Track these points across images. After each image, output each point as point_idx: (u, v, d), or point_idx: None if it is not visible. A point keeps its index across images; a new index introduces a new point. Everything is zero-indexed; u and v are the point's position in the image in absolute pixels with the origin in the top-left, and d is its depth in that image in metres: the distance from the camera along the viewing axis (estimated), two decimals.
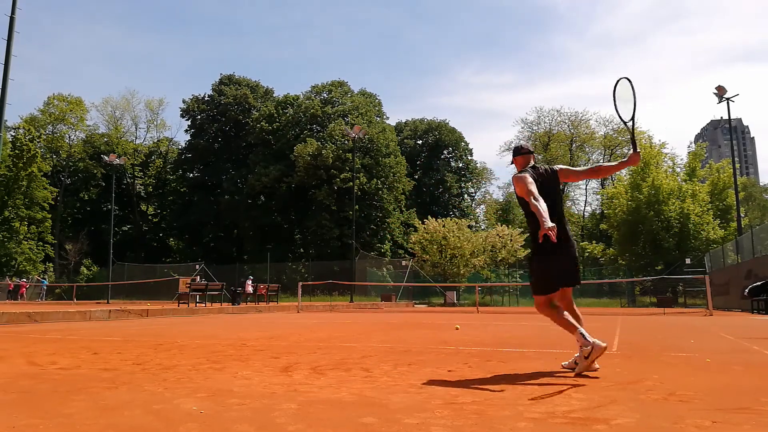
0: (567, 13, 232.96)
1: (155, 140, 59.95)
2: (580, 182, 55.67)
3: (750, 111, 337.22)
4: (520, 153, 4.05)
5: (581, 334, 3.52)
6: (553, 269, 3.75)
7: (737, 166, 29.87)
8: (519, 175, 3.82)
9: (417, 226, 36.76)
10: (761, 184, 69.55)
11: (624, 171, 46.23)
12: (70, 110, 54.62)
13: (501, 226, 38.61)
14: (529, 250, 4.03)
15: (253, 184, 47.79)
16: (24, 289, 36.51)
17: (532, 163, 4.00)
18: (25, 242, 44.95)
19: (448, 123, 60.51)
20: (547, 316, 3.79)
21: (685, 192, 33.66)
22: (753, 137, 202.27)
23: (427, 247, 34.39)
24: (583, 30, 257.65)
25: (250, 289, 24.75)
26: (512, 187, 4.20)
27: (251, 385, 3.18)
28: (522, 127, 56.49)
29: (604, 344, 3.50)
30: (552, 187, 3.86)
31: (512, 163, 4.10)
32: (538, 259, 3.79)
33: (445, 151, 60.66)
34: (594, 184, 54.60)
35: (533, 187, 3.64)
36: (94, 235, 50.00)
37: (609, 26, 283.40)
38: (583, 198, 56.15)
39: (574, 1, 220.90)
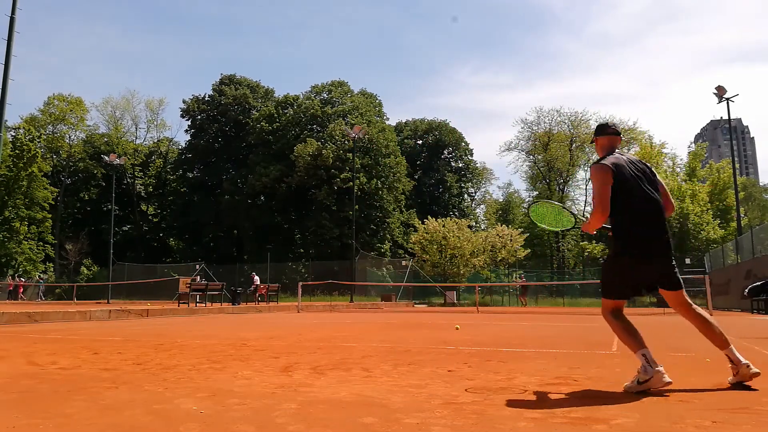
0: (563, 13, 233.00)
1: (155, 140, 59.89)
2: (581, 182, 55.71)
3: (750, 111, 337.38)
4: (605, 132, 3.46)
5: (643, 356, 3.06)
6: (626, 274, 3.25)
7: (737, 166, 29.88)
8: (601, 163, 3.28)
9: (417, 226, 36.76)
10: (761, 184, 69.59)
11: None
12: (70, 110, 54.57)
13: (501, 226, 38.61)
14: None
15: (253, 184, 47.78)
16: (22, 289, 36.40)
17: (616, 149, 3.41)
18: (26, 242, 44.91)
19: (448, 123, 60.52)
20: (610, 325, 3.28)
21: (685, 192, 33.67)
22: (753, 137, 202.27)
23: (427, 247, 34.38)
24: (581, 30, 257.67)
25: (258, 282, 24.02)
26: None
27: (251, 385, 3.19)
28: (522, 127, 56.40)
29: (667, 380, 2.96)
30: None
31: (592, 142, 3.56)
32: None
33: (445, 151, 60.66)
34: None
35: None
36: (94, 235, 49.95)
37: (607, 26, 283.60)
38: (583, 198, 56.10)
39: (569, 1, 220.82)
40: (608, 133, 3.41)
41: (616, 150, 3.37)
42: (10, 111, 56.94)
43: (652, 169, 3.37)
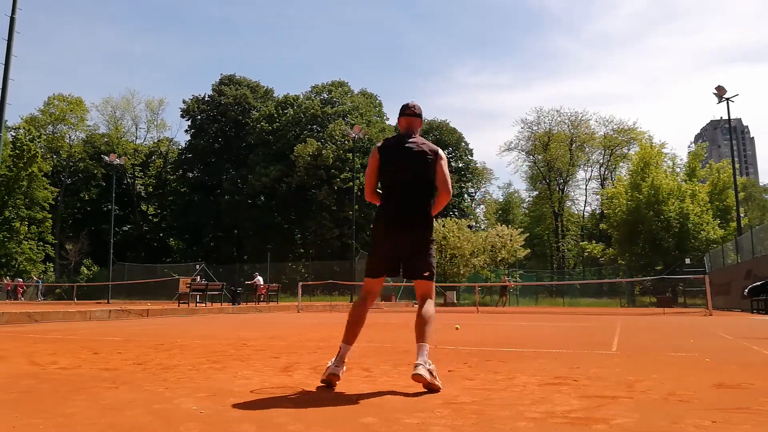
0: (562, 13, 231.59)
1: (155, 140, 59.89)
2: (581, 182, 55.74)
3: (750, 111, 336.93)
4: (403, 113, 3.49)
5: (339, 348, 3.21)
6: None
7: (737, 166, 29.87)
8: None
9: None
10: (761, 184, 69.55)
11: (624, 171, 46.10)
12: (71, 110, 54.58)
13: (501, 226, 38.63)
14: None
15: (253, 184, 47.79)
16: (21, 289, 36.37)
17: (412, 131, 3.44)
18: (26, 242, 44.92)
19: (448, 123, 60.39)
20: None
21: (685, 192, 33.65)
22: (753, 137, 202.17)
23: None
24: (580, 30, 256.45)
25: (261, 282, 23.83)
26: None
27: (251, 385, 3.19)
28: (522, 127, 56.49)
29: (333, 373, 3.08)
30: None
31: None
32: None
33: (445, 151, 60.63)
34: (594, 184, 54.63)
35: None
36: (95, 235, 49.97)
37: (606, 26, 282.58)
38: (583, 198, 56.14)
39: (569, 1, 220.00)
40: (406, 114, 3.47)
41: (414, 132, 3.43)
42: (10, 111, 56.68)
43: (437, 153, 3.35)
